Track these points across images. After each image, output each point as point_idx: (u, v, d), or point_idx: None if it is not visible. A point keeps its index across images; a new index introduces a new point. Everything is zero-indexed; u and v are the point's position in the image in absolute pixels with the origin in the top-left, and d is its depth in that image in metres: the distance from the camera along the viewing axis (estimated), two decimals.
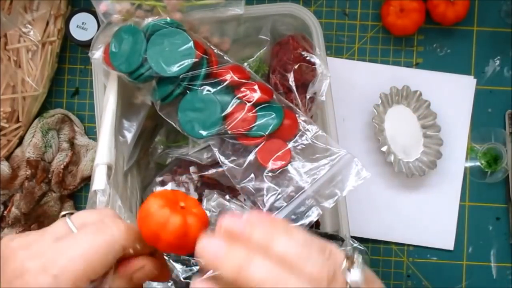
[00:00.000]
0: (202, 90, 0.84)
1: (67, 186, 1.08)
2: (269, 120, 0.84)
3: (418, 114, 1.08)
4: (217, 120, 0.84)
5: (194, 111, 0.84)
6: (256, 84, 0.85)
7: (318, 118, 0.94)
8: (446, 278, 1.09)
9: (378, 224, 1.09)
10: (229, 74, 0.85)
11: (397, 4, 1.06)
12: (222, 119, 0.84)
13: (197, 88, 0.84)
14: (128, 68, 0.84)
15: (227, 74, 0.85)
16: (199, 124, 0.84)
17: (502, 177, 1.08)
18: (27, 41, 1.05)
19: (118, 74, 0.85)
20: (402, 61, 1.11)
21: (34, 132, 1.07)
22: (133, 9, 0.85)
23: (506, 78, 1.10)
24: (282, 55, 0.93)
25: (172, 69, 0.83)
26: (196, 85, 0.84)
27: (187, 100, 0.84)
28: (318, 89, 0.91)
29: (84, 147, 1.09)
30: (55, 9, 1.06)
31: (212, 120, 0.84)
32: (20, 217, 1.05)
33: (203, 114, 0.84)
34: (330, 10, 1.11)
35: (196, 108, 0.84)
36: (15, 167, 1.07)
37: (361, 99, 1.10)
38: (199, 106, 0.84)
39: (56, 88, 1.11)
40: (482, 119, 1.10)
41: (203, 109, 0.84)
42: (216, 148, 0.86)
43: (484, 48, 1.11)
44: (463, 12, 1.07)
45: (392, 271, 1.10)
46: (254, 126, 0.84)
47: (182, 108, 0.84)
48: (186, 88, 0.84)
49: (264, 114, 0.85)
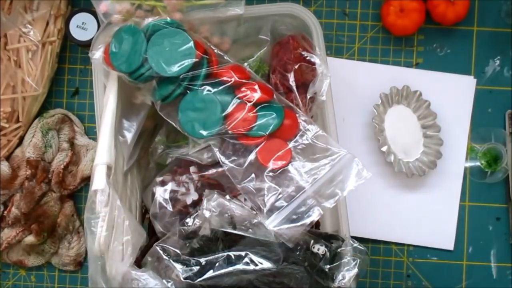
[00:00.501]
0: (203, 90, 0.84)
1: (67, 186, 1.08)
2: (270, 120, 0.84)
3: (418, 114, 1.08)
4: (217, 120, 0.84)
5: (195, 111, 0.84)
6: (257, 84, 0.85)
7: (318, 118, 0.94)
8: (446, 278, 1.09)
9: (378, 224, 1.09)
10: (229, 74, 0.85)
11: (397, 4, 1.06)
12: (222, 119, 0.84)
13: (198, 88, 0.84)
14: (129, 68, 0.84)
15: (228, 74, 0.85)
16: (200, 124, 0.84)
17: (502, 177, 1.08)
18: (27, 41, 1.05)
19: (118, 74, 0.85)
20: (402, 61, 1.11)
21: (34, 132, 1.07)
22: (133, 9, 0.85)
23: (506, 78, 1.10)
24: (282, 55, 0.93)
25: (173, 69, 0.83)
26: (196, 85, 0.84)
27: (187, 100, 0.84)
28: (319, 89, 0.90)
29: (84, 147, 1.09)
30: (55, 9, 1.06)
31: (213, 120, 0.84)
32: (20, 217, 1.05)
33: (203, 114, 0.84)
34: (330, 10, 1.11)
35: (196, 108, 0.84)
36: (15, 167, 1.07)
37: (361, 99, 1.10)
38: (199, 106, 0.84)
39: (56, 88, 1.11)
40: (482, 119, 1.10)
41: (203, 109, 0.84)
42: (216, 148, 0.86)
43: (484, 48, 1.11)
44: (463, 12, 1.07)
45: (392, 271, 1.10)
46: (255, 126, 0.84)
47: (182, 108, 0.84)
48: (187, 88, 0.84)
49: (265, 114, 0.85)
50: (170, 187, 0.91)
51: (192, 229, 0.85)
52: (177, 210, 0.90)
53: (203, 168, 0.91)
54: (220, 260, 0.83)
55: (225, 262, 0.82)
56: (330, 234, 0.90)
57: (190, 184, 0.90)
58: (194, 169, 0.91)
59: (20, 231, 1.06)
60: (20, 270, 1.11)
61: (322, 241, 0.86)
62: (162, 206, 0.90)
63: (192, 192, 0.90)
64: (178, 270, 0.82)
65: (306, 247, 0.85)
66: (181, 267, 0.83)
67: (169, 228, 0.89)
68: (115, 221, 0.82)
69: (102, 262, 0.81)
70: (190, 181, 0.91)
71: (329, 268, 0.85)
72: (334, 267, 0.85)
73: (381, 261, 1.10)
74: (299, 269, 0.83)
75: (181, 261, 0.83)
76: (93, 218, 0.81)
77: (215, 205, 0.84)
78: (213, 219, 0.84)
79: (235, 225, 0.84)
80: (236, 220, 0.84)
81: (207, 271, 0.82)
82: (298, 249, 0.84)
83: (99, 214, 0.81)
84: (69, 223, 1.09)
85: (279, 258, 0.83)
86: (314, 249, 0.85)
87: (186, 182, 0.91)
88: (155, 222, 0.90)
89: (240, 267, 0.82)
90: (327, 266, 0.85)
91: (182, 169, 0.92)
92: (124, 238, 0.82)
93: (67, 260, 1.09)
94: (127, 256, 0.82)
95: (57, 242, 1.09)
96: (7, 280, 1.11)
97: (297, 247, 0.84)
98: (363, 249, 0.87)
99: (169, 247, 0.84)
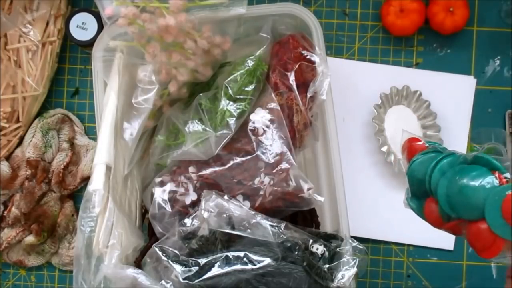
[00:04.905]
0: None
1: (67, 186, 1.08)
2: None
3: (418, 114, 1.08)
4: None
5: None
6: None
7: (318, 118, 0.94)
8: (446, 278, 1.09)
9: (378, 224, 1.09)
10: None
11: (397, 4, 1.06)
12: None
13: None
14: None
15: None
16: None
17: None
18: (27, 41, 1.05)
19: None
20: (402, 61, 1.11)
21: (34, 132, 1.07)
22: (138, 12, 0.84)
23: (506, 78, 1.10)
24: (282, 54, 0.93)
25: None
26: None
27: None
28: (319, 88, 0.91)
29: (84, 147, 1.09)
30: (55, 9, 1.06)
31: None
32: (20, 217, 1.06)
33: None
34: (330, 10, 1.11)
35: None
36: (15, 167, 1.07)
37: (361, 99, 1.09)
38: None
39: (56, 88, 1.11)
40: (482, 119, 1.10)
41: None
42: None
43: (484, 48, 1.11)
44: (461, 23, 1.06)
45: (392, 271, 1.10)
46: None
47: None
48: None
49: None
50: (169, 188, 0.90)
51: (191, 230, 0.85)
52: (176, 210, 0.90)
53: (201, 168, 0.91)
54: (219, 260, 0.83)
55: (224, 263, 0.83)
56: (329, 234, 0.90)
57: (189, 184, 0.90)
58: (193, 169, 0.91)
59: (20, 231, 1.06)
60: (20, 270, 1.11)
61: (321, 241, 0.86)
62: (161, 207, 0.90)
63: (191, 192, 0.90)
64: (177, 271, 0.82)
65: (304, 246, 0.85)
66: (180, 268, 0.83)
67: (168, 229, 0.89)
68: (104, 223, 0.83)
69: (86, 262, 0.82)
70: (189, 182, 0.90)
71: (328, 268, 0.85)
72: (333, 267, 0.85)
73: (381, 261, 1.10)
74: (298, 268, 0.83)
75: (180, 261, 0.83)
76: (85, 218, 0.82)
77: (213, 206, 0.84)
78: (211, 220, 0.84)
79: (233, 225, 0.84)
80: (235, 220, 0.84)
81: (206, 271, 0.82)
82: (296, 249, 0.84)
83: (91, 214, 0.81)
84: (69, 223, 1.09)
85: (278, 258, 0.83)
86: (313, 249, 0.85)
87: (185, 183, 0.90)
88: (154, 222, 0.90)
89: (238, 267, 0.82)
90: (326, 266, 0.85)
91: (181, 169, 0.92)
92: (110, 241, 0.83)
93: (67, 260, 1.09)
94: (114, 259, 0.82)
95: (57, 242, 1.09)
96: (7, 280, 1.11)
97: (295, 247, 0.84)
98: (362, 248, 0.87)
99: (168, 248, 0.84)
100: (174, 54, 0.88)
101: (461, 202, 0.69)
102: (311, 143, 0.95)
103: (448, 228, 0.73)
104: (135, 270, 0.82)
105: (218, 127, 0.90)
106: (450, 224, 0.72)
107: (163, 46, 0.87)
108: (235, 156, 0.90)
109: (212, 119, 0.91)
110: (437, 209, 0.72)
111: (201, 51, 0.89)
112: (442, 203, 0.71)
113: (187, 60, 0.89)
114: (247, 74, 0.91)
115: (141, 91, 0.91)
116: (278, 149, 0.88)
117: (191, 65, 0.90)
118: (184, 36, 0.87)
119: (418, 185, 0.75)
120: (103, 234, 0.83)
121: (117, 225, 0.85)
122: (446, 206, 0.71)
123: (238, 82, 0.91)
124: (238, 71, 0.92)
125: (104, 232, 0.83)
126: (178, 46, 0.88)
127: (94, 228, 0.83)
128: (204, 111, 0.92)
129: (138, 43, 0.88)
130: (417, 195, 0.76)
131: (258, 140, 0.89)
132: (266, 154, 0.88)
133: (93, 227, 0.83)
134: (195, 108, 0.93)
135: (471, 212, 0.68)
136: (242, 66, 0.92)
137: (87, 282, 0.82)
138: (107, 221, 0.83)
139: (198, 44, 0.88)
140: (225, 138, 0.89)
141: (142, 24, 0.84)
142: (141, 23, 0.85)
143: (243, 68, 0.91)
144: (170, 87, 0.92)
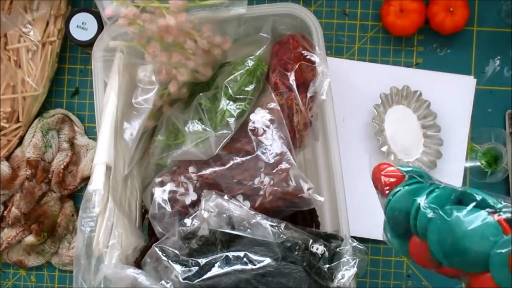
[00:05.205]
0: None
1: (67, 186, 1.08)
2: None
3: (418, 114, 1.08)
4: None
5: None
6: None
7: (318, 118, 0.94)
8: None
9: (378, 224, 1.08)
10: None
11: (397, 4, 1.06)
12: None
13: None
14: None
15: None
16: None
17: (502, 177, 1.08)
18: (27, 41, 1.05)
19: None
20: (402, 61, 1.11)
21: (34, 132, 1.07)
22: (139, 12, 0.84)
23: (506, 78, 1.10)
24: (282, 54, 0.93)
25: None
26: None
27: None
28: (319, 88, 0.91)
29: (84, 147, 1.09)
30: (55, 9, 1.06)
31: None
32: (20, 217, 1.06)
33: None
34: (330, 10, 1.11)
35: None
36: (15, 167, 1.07)
37: (361, 99, 1.09)
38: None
39: (56, 88, 1.11)
40: (482, 119, 1.10)
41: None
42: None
43: (484, 48, 1.11)
44: (461, 23, 1.06)
45: (392, 271, 1.10)
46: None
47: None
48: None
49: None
50: (169, 188, 0.90)
51: (191, 230, 0.85)
52: (176, 210, 0.90)
53: (201, 167, 0.91)
54: (219, 260, 0.83)
55: (224, 263, 0.83)
56: (329, 234, 0.90)
57: (189, 184, 0.90)
58: (193, 169, 0.91)
59: (20, 231, 1.06)
60: (20, 270, 1.11)
61: (321, 241, 0.86)
62: (161, 207, 0.90)
63: (191, 192, 0.90)
64: (177, 271, 0.82)
65: (305, 246, 0.85)
66: (180, 268, 0.83)
67: (168, 229, 0.89)
68: (104, 223, 0.83)
69: (86, 262, 0.82)
70: (189, 182, 0.90)
71: (328, 268, 0.85)
72: (333, 267, 0.85)
73: (381, 261, 1.10)
74: (298, 268, 0.83)
75: (180, 261, 0.83)
76: (85, 218, 0.82)
77: (213, 206, 0.84)
78: (211, 220, 0.84)
79: (233, 225, 0.84)
80: (235, 220, 0.84)
81: (206, 271, 0.82)
82: (296, 249, 0.84)
83: (91, 214, 0.81)
84: (69, 223, 1.09)
85: (278, 258, 0.83)
86: (313, 249, 0.85)
87: (185, 183, 0.90)
88: (154, 222, 0.90)
89: (238, 268, 0.82)
90: (326, 266, 0.85)
91: (181, 169, 0.92)
92: (110, 241, 0.83)
93: (67, 260, 1.09)
94: (114, 259, 0.82)
95: (57, 242, 1.09)
96: (7, 280, 1.11)
97: (295, 247, 0.84)
98: (362, 248, 0.87)
99: (168, 248, 0.84)
100: (174, 54, 0.88)
101: (459, 253, 0.61)
102: (311, 143, 0.95)
103: (443, 273, 0.65)
104: (135, 270, 0.82)
105: (218, 127, 0.90)
106: (446, 270, 0.64)
107: (163, 46, 0.87)
108: (235, 156, 0.90)
109: (212, 119, 0.91)
110: (427, 252, 0.63)
111: (201, 51, 0.89)
112: (434, 251, 0.63)
113: (187, 60, 0.89)
114: (247, 74, 0.91)
115: (141, 91, 0.91)
116: (278, 149, 0.88)
117: (191, 65, 0.90)
118: (184, 36, 0.87)
119: (400, 224, 0.66)
120: (103, 234, 0.83)
121: (117, 225, 0.85)
122: (440, 255, 0.62)
123: (238, 82, 0.91)
124: (238, 71, 0.92)
125: (104, 232, 0.83)
126: (178, 46, 0.88)
127: (94, 228, 0.83)
128: (204, 111, 0.92)
129: (138, 43, 0.88)
130: (399, 234, 0.67)
131: (258, 140, 0.89)
132: (266, 154, 0.88)
133: (93, 227, 0.83)
134: (195, 108, 0.93)
135: (471, 266, 0.61)
136: (242, 66, 0.92)
137: (87, 282, 0.82)
138: (107, 221, 0.83)
139: (198, 44, 0.88)
140: (225, 138, 0.89)
141: (142, 24, 0.85)
142: (141, 23, 0.85)
143: (243, 68, 0.92)
144: (170, 87, 0.92)
